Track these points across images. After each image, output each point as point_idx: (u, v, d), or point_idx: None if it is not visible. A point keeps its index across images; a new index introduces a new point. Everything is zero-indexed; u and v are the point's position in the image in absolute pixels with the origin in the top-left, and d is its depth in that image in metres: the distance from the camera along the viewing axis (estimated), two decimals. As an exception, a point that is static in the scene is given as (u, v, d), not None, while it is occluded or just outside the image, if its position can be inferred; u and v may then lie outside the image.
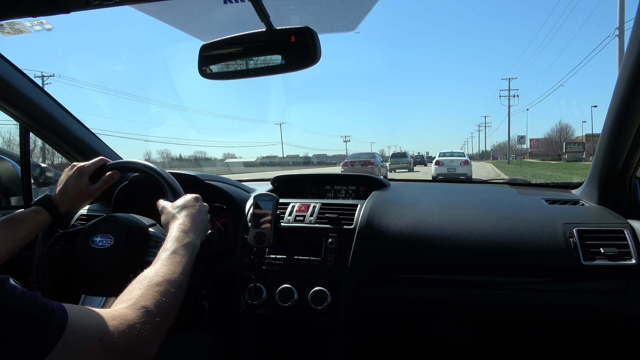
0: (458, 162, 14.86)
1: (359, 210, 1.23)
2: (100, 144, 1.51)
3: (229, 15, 0.96)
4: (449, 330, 1.52)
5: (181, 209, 0.85)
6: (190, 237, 0.78)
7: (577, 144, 51.69)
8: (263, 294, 1.15)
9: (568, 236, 1.08)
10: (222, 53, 0.95)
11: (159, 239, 0.89)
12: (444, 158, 15.54)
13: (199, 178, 1.30)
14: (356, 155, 18.10)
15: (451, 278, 1.14)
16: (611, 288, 1.06)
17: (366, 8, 0.98)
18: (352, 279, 1.13)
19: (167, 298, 0.62)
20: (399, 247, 1.14)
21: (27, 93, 1.23)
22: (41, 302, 0.47)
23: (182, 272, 0.70)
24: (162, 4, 0.87)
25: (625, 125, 1.03)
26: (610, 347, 1.35)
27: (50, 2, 0.79)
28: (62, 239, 0.94)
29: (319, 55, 0.86)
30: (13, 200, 1.55)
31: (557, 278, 1.09)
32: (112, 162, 1.02)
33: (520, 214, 1.19)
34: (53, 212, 0.92)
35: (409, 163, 27.09)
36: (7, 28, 1.05)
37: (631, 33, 0.92)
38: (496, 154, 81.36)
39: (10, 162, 1.48)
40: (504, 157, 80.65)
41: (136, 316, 0.56)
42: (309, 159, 64.01)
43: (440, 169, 14.90)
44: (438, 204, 1.28)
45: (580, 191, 1.40)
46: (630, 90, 0.95)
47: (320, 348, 1.28)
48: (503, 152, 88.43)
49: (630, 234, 1.07)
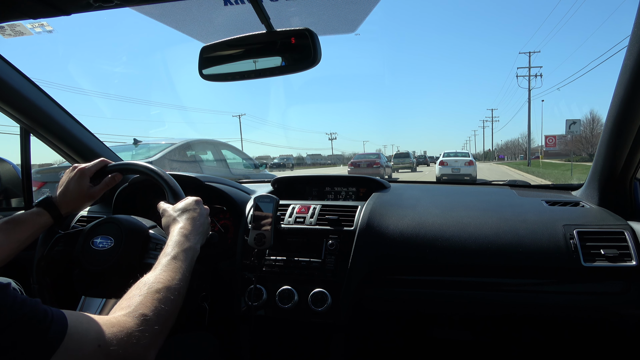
0: (462, 163, 14.69)
1: (359, 211, 1.23)
2: (101, 146, 1.52)
3: (229, 17, 0.96)
4: (450, 331, 1.52)
5: (182, 212, 0.85)
6: (191, 242, 0.79)
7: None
8: (263, 296, 1.15)
9: (568, 238, 1.08)
10: (223, 55, 0.95)
11: (159, 241, 0.89)
12: (448, 158, 15.35)
13: (199, 180, 1.30)
14: (362, 156, 18.12)
15: (451, 279, 1.14)
16: (611, 289, 1.06)
17: (366, 9, 0.98)
18: (353, 281, 1.13)
19: (166, 306, 0.63)
20: (399, 248, 1.14)
21: (27, 95, 1.23)
22: (42, 309, 0.48)
23: (182, 278, 0.70)
24: (163, 5, 0.87)
25: (626, 127, 1.03)
26: (611, 348, 1.35)
27: (51, 4, 0.79)
28: (62, 240, 0.94)
29: (319, 57, 0.86)
30: (13, 202, 1.55)
31: (557, 279, 1.09)
32: (113, 164, 1.02)
33: (520, 215, 1.19)
34: (54, 214, 0.92)
35: (412, 163, 27.06)
36: (8, 30, 1.05)
37: (631, 34, 0.92)
38: (502, 153, 74.26)
39: (11, 164, 1.48)
40: (512, 157, 71.83)
41: (135, 324, 0.57)
42: (302, 159, 62.40)
43: (445, 169, 14.74)
44: (438, 205, 1.28)
45: (581, 193, 1.40)
46: (630, 92, 0.96)
47: (321, 349, 1.28)
48: (510, 152, 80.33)
49: (630, 235, 1.07)
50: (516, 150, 79.17)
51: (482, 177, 14.36)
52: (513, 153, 79.64)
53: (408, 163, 26.51)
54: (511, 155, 77.76)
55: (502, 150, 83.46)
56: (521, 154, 67.53)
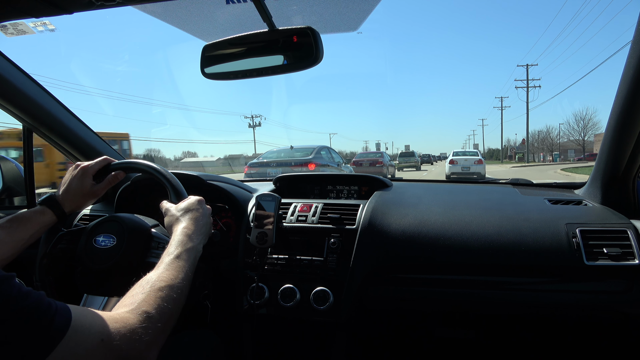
0: (472, 161, 15.03)
1: (361, 210, 1.23)
2: (104, 145, 1.52)
3: (231, 15, 0.96)
4: (451, 330, 1.52)
5: (185, 211, 0.86)
6: (193, 242, 0.79)
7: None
8: (265, 294, 1.16)
9: (571, 236, 1.08)
10: (225, 53, 0.95)
11: (161, 240, 0.89)
12: (457, 157, 15.68)
13: (201, 178, 1.31)
14: (364, 155, 18.10)
15: (453, 278, 1.14)
16: (614, 288, 1.06)
17: (368, 8, 0.98)
18: (354, 279, 1.13)
19: (168, 304, 0.63)
20: (401, 247, 1.14)
21: (30, 94, 1.23)
22: (46, 301, 0.48)
23: (185, 277, 0.71)
24: (165, 4, 0.87)
25: (629, 126, 1.02)
26: (613, 347, 1.34)
27: (54, 3, 0.79)
28: (65, 238, 0.94)
29: (322, 56, 0.86)
30: (16, 200, 1.56)
31: (559, 278, 1.09)
32: (116, 162, 1.02)
33: (522, 214, 1.19)
34: (57, 212, 0.93)
35: (416, 162, 27.33)
36: (11, 29, 1.05)
37: (634, 33, 0.92)
38: (522, 150, 52.29)
39: (14, 163, 1.49)
40: (534, 155, 55.25)
41: (138, 321, 0.57)
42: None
43: (454, 167, 15.05)
44: (440, 204, 1.28)
45: (583, 191, 1.39)
46: (633, 90, 0.95)
47: (323, 348, 1.28)
48: (536, 148, 59.60)
49: (633, 234, 1.07)
50: (543, 146, 57.30)
51: (477, 172, 14.79)
52: (541, 148, 59.65)
53: (413, 162, 26.81)
54: (536, 152, 58.29)
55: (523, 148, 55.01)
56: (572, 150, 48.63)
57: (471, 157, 15.65)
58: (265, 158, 8.93)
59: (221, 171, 29.29)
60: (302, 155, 8.54)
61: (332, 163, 9.03)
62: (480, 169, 14.74)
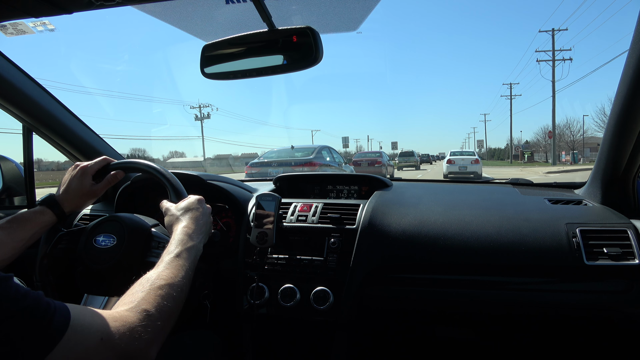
0: (469, 161, 15.57)
1: (361, 210, 1.23)
2: (103, 144, 1.52)
3: (231, 15, 0.96)
4: (452, 330, 1.52)
5: (185, 211, 0.86)
6: (194, 241, 0.79)
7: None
8: (265, 294, 1.16)
9: (571, 236, 1.08)
10: (224, 53, 0.95)
11: (161, 239, 0.89)
12: (455, 157, 16.22)
13: (201, 178, 1.31)
14: (363, 154, 18.13)
15: (453, 278, 1.14)
16: (614, 288, 1.06)
17: (368, 8, 0.98)
18: (355, 279, 1.13)
19: (168, 302, 0.63)
20: (402, 247, 1.14)
21: (30, 94, 1.24)
22: (44, 301, 0.48)
23: (185, 276, 0.71)
24: (165, 4, 0.87)
25: (628, 126, 1.02)
26: (613, 347, 1.34)
27: (53, 3, 0.79)
28: (65, 238, 0.94)
29: (321, 56, 0.86)
30: (16, 200, 1.56)
31: (559, 278, 1.09)
32: (115, 162, 1.02)
33: (523, 214, 1.19)
34: (57, 212, 0.93)
35: (416, 161, 27.59)
36: (10, 29, 1.05)
37: (634, 33, 0.92)
38: (528, 147, 44.94)
39: (14, 162, 1.49)
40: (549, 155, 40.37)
41: (137, 319, 0.57)
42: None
43: (452, 167, 15.56)
44: (440, 203, 1.28)
45: (583, 191, 1.39)
46: (633, 90, 0.95)
47: (323, 348, 1.28)
48: (542, 146, 46.82)
49: (633, 234, 1.06)
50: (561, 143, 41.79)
51: (474, 171, 15.32)
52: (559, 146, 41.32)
53: (412, 161, 27.10)
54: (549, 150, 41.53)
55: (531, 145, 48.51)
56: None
57: (468, 156, 16.25)
58: (266, 158, 8.98)
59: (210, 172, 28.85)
60: (303, 155, 8.65)
61: (333, 163, 9.14)
62: (477, 168, 15.28)
